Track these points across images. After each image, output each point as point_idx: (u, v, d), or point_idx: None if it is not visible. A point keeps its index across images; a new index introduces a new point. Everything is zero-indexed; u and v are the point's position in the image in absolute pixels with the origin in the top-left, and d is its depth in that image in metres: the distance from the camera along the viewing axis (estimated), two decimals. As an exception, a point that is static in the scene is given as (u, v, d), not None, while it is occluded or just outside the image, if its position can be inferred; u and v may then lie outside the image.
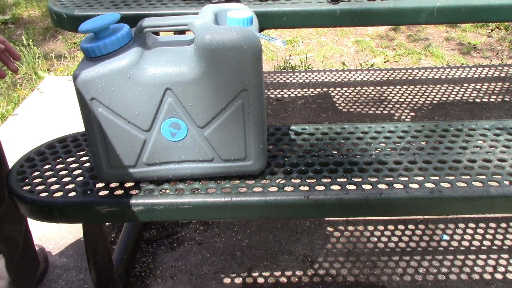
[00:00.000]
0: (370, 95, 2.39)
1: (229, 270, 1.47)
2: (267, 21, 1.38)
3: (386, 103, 2.32)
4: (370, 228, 1.60)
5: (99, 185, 1.07)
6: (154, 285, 1.42)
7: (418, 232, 1.58)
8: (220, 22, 1.01)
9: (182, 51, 0.95)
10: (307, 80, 2.56)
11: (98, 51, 0.92)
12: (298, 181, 1.05)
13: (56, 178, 1.10)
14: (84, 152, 1.19)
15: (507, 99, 2.34)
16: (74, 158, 1.17)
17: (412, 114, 2.24)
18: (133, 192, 1.04)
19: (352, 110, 2.28)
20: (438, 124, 1.24)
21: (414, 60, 3.00)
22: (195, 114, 0.96)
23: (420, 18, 1.38)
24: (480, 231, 1.58)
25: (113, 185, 1.06)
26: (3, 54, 1.04)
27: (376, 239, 1.56)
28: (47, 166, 1.15)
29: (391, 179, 1.04)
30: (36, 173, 1.12)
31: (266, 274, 1.45)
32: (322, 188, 1.02)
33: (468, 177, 1.04)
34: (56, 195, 1.04)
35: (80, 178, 1.09)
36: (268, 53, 3.14)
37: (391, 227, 1.61)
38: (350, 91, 2.44)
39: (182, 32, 1.60)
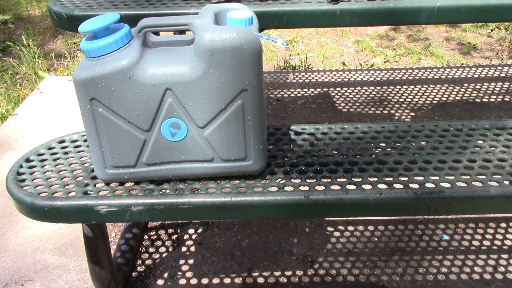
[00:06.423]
0: (370, 95, 2.39)
1: (229, 270, 1.47)
2: (267, 21, 1.38)
3: (386, 103, 2.32)
4: (370, 228, 1.60)
5: (99, 185, 1.07)
6: (154, 285, 1.42)
7: (418, 232, 1.58)
8: (220, 22, 1.01)
9: (182, 51, 0.95)
10: (307, 80, 2.56)
11: (98, 51, 0.92)
12: (298, 181, 1.05)
13: (55, 178, 1.10)
14: (84, 152, 1.19)
15: (507, 99, 2.34)
16: (74, 158, 1.17)
17: (412, 114, 2.24)
18: (133, 192, 1.04)
19: (352, 110, 2.28)
20: (438, 124, 1.24)
21: (414, 60, 3.00)
22: (195, 114, 0.96)
23: (420, 18, 1.38)
24: (480, 231, 1.57)
25: (113, 185, 1.06)
26: None
27: (376, 239, 1.56)
28: (46, 166, 1.15)
29: (391, 179, 1.04)
30: (35, 173, 1.13)
31: (266, 274, 1.45)
32: (322, 188, 1.02)
33: (468, 177, 1.04)
34: (56, 195, 1.04)
35: (80, 178, 1.09)
36: (268, 53, 3.14)
37: (391, 227, 1.60)
38: (350, 91, 2.44)
39: (182, 32, 1.60)
